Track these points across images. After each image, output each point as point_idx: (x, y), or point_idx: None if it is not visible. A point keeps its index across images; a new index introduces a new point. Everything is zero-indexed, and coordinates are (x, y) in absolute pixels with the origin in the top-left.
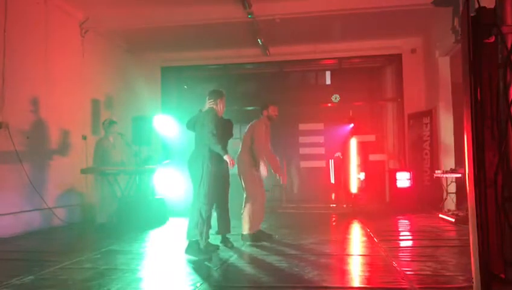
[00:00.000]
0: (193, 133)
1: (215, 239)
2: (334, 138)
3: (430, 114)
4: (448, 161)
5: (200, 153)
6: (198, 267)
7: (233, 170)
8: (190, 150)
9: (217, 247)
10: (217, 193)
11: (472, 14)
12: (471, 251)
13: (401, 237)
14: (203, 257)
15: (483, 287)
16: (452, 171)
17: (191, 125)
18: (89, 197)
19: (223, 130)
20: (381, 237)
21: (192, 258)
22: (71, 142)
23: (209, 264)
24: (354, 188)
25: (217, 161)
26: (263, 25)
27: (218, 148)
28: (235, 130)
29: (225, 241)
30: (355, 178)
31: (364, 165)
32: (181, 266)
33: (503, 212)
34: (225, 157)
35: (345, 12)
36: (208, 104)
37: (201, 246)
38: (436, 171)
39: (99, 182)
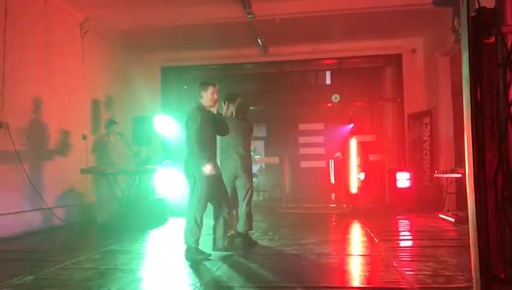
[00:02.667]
0: None
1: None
2: (334, 138)
3: (430, 114)
4: (448, 161)
5: (191, 157)
6: (198, 267)
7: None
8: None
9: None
10: (232, 194)
11: (472, 14)
12: (471, 251)
13: (401, 237)
14: (201, 257)
15: (483, 287)
16: (452, 171)
17: None
18: (89, 197)
19: (215, 126)
20: (381, 237)
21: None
22: (71, 142)
23: (209, 265)
24: (354, 188)
25: (213, 162)
26: (263, 25)
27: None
28: None
29: (246, 238)
30: (355, 178)
31: (364, 165)
32: (181, 266)
33: (503, 212)
34: (204, 167)
35: (345, 12)
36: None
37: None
38: (436, 171)
39: (99, 182)
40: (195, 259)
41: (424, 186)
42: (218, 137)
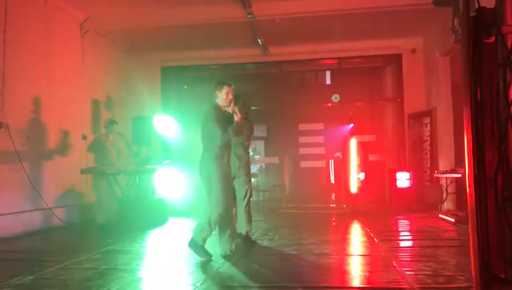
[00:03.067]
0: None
1: None
2: (334, 138)
3: (430, 114)
4: (448, 161)
5: (206, 158)
6: (198, 267)
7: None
8: (189, 150)
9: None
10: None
11: (472, 14)
12: (471, 251)
13: (401, 237)
14: (202, 257)
15: (483, 287)
16: (452, 171)
17: None
18: (89, 197)
19: (228, 124)
20: (381, 237)
21: (193, 256)
22: (71, 142)
23: (209, 264)
24: (354, 188)
25: (225, 163)
26: (263, 25)
27: (233, 133)
28: None
29: (247, 239)
30: (355, 178)
31: (364, 165)
32: (181, 266)
33: (503, 212)
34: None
35: (345, 12)
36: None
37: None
38: (436, 171)
39: (99, 182)
40: (197, 256)
41: (424, 186)
42: None
